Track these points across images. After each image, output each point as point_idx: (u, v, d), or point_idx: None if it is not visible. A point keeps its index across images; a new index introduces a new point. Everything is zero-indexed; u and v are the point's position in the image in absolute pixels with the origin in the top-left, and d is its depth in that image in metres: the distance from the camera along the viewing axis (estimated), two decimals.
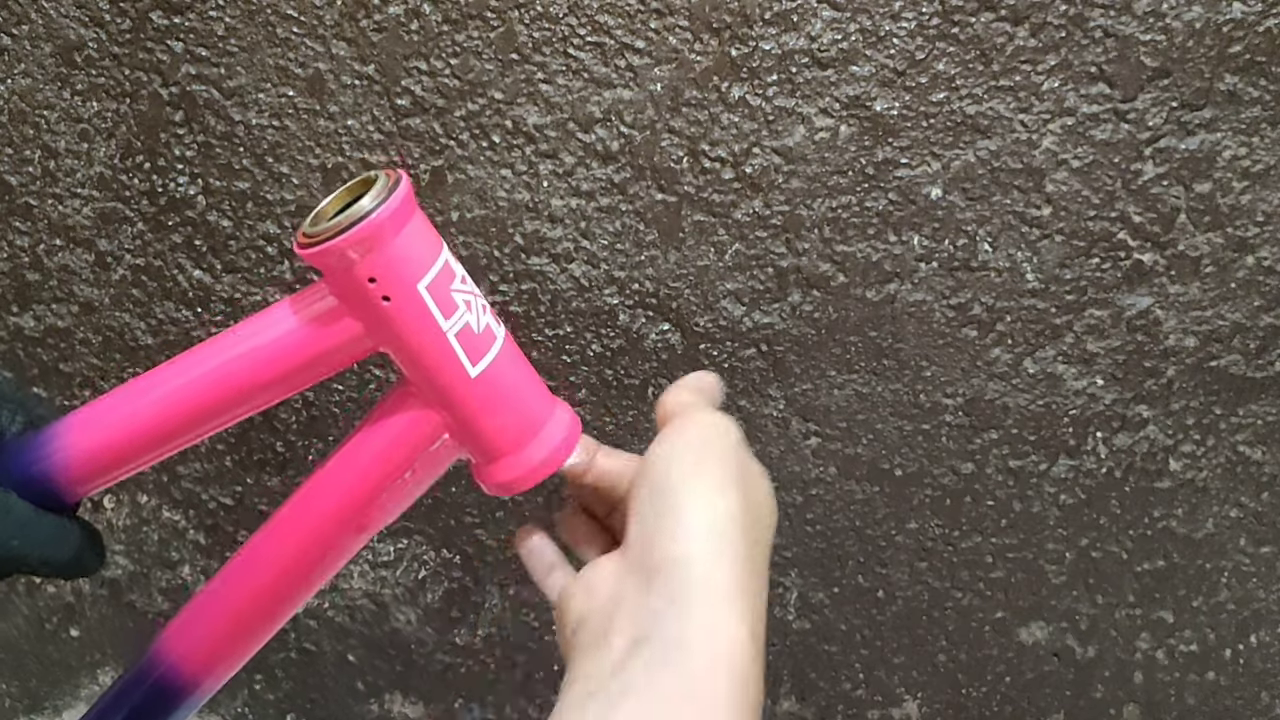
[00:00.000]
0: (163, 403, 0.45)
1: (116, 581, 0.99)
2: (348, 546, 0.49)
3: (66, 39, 0.84)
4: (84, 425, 0.45)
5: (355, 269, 0.41)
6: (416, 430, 0.46)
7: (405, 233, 0.42)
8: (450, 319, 0.43)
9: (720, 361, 0.87)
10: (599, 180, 0.83)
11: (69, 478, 0.44)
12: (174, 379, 0.45)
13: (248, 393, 0.45)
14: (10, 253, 0.90)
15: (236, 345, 0.45)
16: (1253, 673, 0.94)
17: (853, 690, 0.97)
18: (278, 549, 0.48)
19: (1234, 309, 0.84)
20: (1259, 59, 0.78)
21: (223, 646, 0.49)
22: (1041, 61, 0.78)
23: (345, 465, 0.47)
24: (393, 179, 0.43)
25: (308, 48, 0.82)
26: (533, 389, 0.48)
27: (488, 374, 0.45)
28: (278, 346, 0.44)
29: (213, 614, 0.49)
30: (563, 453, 0.47)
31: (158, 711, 0.49)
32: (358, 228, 0.41)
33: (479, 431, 0.46)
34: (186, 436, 0.46)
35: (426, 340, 0.43)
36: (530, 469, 0.47)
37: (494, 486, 0.47)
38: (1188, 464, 0.88)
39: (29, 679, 1.03)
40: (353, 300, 0.43)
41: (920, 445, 0.89)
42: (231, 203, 0.86)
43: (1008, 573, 0.92)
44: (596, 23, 0.79)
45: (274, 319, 0.45)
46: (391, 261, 0.42)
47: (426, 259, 0.43)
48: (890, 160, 0.81)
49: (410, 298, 0.43)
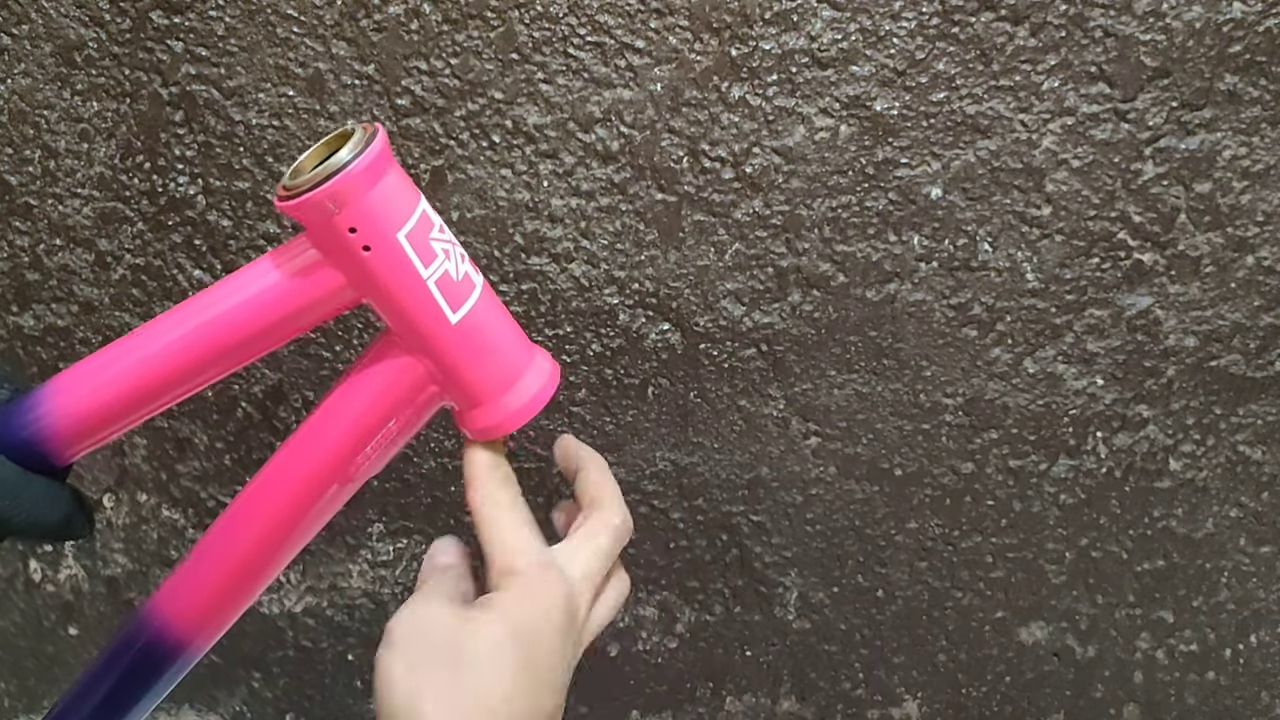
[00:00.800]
0: (149, 361, 0.45)
1: (115, 579, 0.99)
2: (336, 498, 0.49)
3: (66, 39, 0.84)
4: (70, 387, 0.45)
5: (335, 220, 0.42)
6: (400, 379, 0.47)
7: (383, 183, 0.43)
8: (430, 267, 0.44)
9: (720, 361, 0.87)
10: (599, 180, 0.83)
11: (57, 440, 0.44)
12: (159, 337, 0.45)
13: (233, 347, 0.45)
14: (10, 253, 0.90)
15: (221, 301, 0.45)
16: (1253, 673, 0.94)
17: (853, 690, 0.97)
18: (266, 503, 0.48)
19: (1234, 309, 0.84)
20: (1259, 59, 0.78)
21: (213, 604, 0.49)
22: (1041, 61, 0.78)
23: (331, 417, 0.48)
24: (369, 132, 0.43)
25: (308, 48, 0.82)
26: (512, 336, 0.48)
27: (468, 321, 0.46)
28: (261, 300, 0.45)
29: (202, 572, 0.49)
30: (542, 398, 0.48)
31: (148, 674, 0.49)
32: (336, 179, 0.41)
33: (461, 378, 0.47)
34: (174, 393, 0.46)
35: (407, 288, 0.44)
36: (511, 414, 0.47)
37: (476, 432, 0.48)
38: (1188, 464, 0.88)
39: (27, 677, 1.03)
40: (334, 251, 0.44)
41: (920, 445, 0.89)
42: (231, 203, 0.86)
43: (1008, 573, 0.92)
44: (596, 23, 0.79)
45: (257, 273, 0.45)
46: (371, 211, 0.42)
47: (405, 209, 0.44)
48: (890, 160, 0.81)
49: (390, 247, 0.43)
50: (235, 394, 0.92)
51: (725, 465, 0.90)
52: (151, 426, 0.93)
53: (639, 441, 0.90)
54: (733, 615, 0.95)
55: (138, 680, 0.49)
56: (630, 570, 0.51)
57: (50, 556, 0.99)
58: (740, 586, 0.94)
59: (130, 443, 0.94)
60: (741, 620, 0.95)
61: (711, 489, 0.91)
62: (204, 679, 1.02)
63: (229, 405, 0.92)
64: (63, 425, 0.44)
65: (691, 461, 0.91)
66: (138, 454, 0.95)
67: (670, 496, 0.92)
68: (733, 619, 0.95)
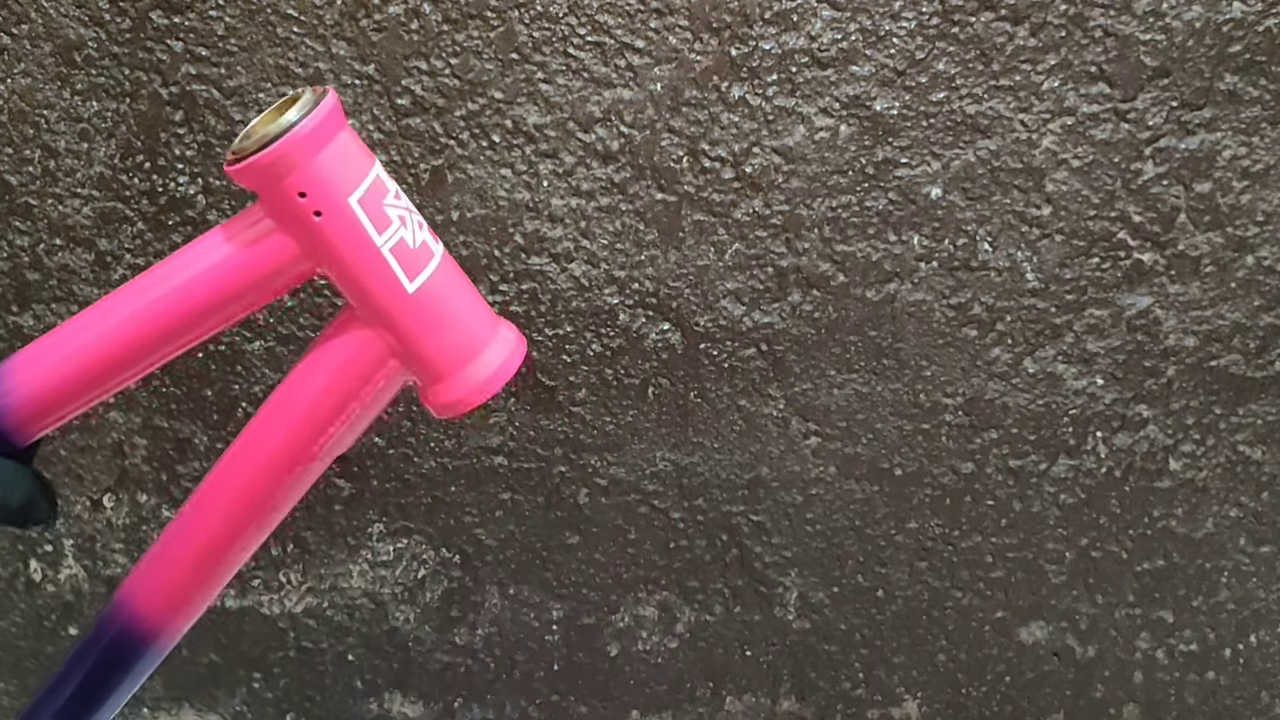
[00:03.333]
0: (106, 337, 0.44)
1: (115, 580, 0.99)
2: (302, 477, 0.48)
3: (66, 39, 0.84)
4: (27, 366, 0.44)
5: (284, 183, 0.41)
6: (360, 354, 0.46)
7: (333, 146, 0.42)
8: (384, 234, 0.43)
9: (720, 361, 0.87)
10: (599, 180, 0.83)
11: (17, 419, 0.44)
12: (115, 312, 0.45)
13: (190, 321, 0.44)
14: (10, 253, 0.90)
15: (176, 274, 0.45)
16: (1253, 673, 0.94)
17: (853, 690, 0.97)
18: (230, 486, 0.48)
19: (1234, 309, 0.84)
20: (1259, 59, 0.78)
21: (181, 591, 0.48)
22: (1041, 61, 0.78)
23: (292, 394, 0.47)
24: (319, 93, 0.43)
25: (308, 48, 0.82)
26: (474, 307, 0.47)
27: (426, 289, 0.44)
28: (217, 272, 0.44)
29: (170, 558, 0.48)
30: (506, 371, 0.47)
31: (120, 664, 0.49)
32: (283, 139, 0.41)
33: (420, 350, 0.45)
34: (134, 369, 0.45)
35: (361, 255, 0.43)
36: (473, 387, 0.46)
37: (439, 408, 0.47)
38: (1188, 464, 0.88)
39: (27, 677, 1.03)
40: (286, 218, 0.43)
41: (920, 445, 0.89)
42: (231, 203, 0.86)
43: (1008, 573, 0.92)
44: (596, 23, 0.79)
45: (210, 245, 0.45)
46: (320, 175, 0.42)
47: (357, 173, 0.43)
48: (890, 160, 0.81)
49: (342, 212, 0.42)
50: (235, 394, 0.92)
51: (725, 465, 0.90)
52: (151, 427, 0.93)
53: (639, 441, 0.90)
54: (733, 615, 0.95)
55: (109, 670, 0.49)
56: (631, 570, 0.51)
57: (51, 557, 0.99)
58: (740, 586, 0.94)
59: (130, 443, 0.94)
60: (741, 620, 0.95)
61: (711, 489, 0.91)
62: (205, 679, 1.01)
63: (229, 405, 0.92)
64: (22, 404, 0.44)
65: (691, 461, 0.91)
66: (138, 454, 0.95)
67: (670, 496, 0.92)
68: (733, 619, 0.95)
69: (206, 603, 0.50)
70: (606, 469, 0.91)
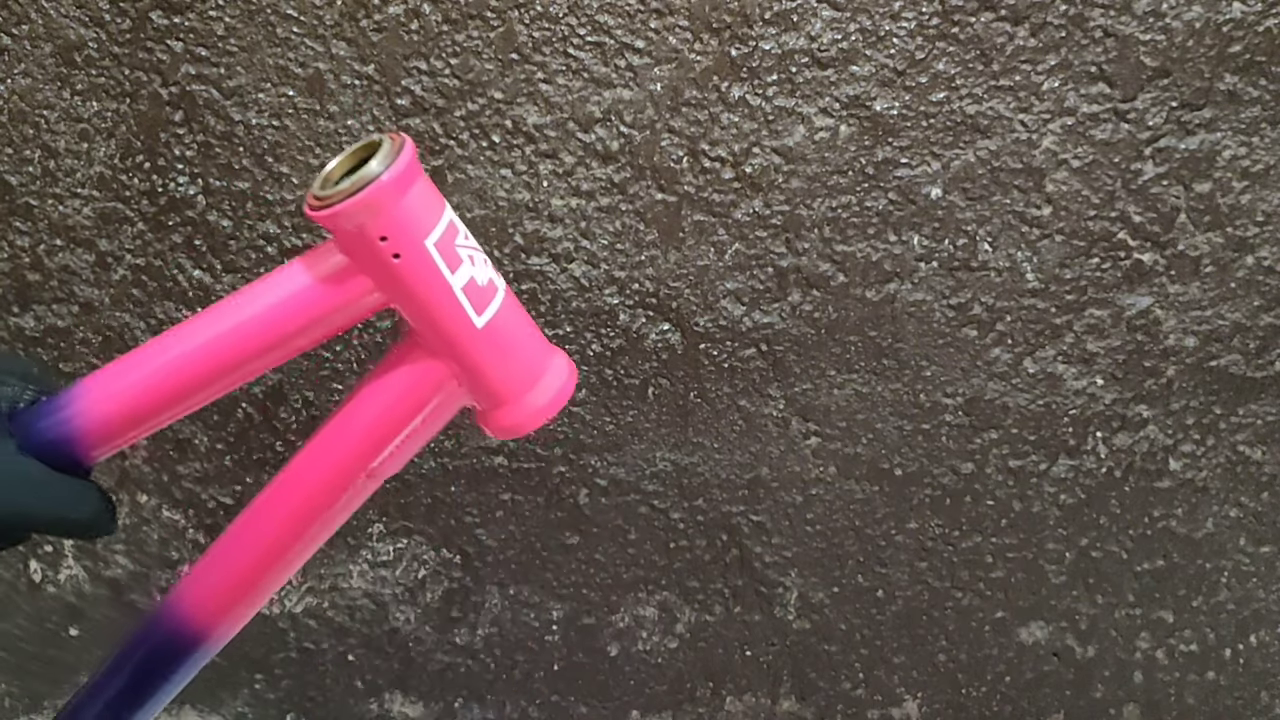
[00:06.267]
0: (179, 362, 0.46)
1: (117, 580, 0.99)
2: (358, 494, 0.50)
3: (66, 39, 0.84)
4: (100, 388, 0.46)
5: (367, 229, 0.44)
6: (425, 380, 0.49)
7: (412, 193, 0.44)
8: (456, 273, 0.46)
9: (720, 361, 0.87)
10: (599, 180, 0.83)
11: (86, 440, 0.45)
12: (190, 339, 0.46)
13: (261, 350, 0.46)
14: (10, 253, 0.90)
15: (252, 303, 0.46)
16: (1253, 673, 0.94)
17: (853, 690, 0.97)
18: (289, 498, 0.50)
19: (1234, 309, 0.84)
20: (1259, 59, 0.78)
21: (234, 597, 0.50)
22: (1041, 61, 0.78)
23: (356, 414, 0.49)
24: (397, 143, 0.45)
25: (308, 48, 0.82)
26: (533, 338, 0.50)
27: (492, 324, 0.47)
28: (291, 304, 0.46)
29: (225, 565, 0.50)
30: (562, 397, 0.50)
31: (166, 664, 0.50)
32: (369, 189, 0.43)
33: (485, 379, 0.48)
34: (201, 395, 0.47)
35: (435, 294, 0.46)
36: (533, 413, 0.49)
37: (499, 431, 0.50)
38: (1188, 464, 0.88)
39: (29, 678, 1.04)
40: (364, 258, 0.45)
41: (920, 445, 0.89)
42: (231, 203, 0.86)
43: (1008, 573, 0.92)
44: (596, 23, 0.79)
45: (287, 277, 0.46)
46: (401, 221, 0.44)
47: (433, 217, 0.45)
48: (890, 160, 0.81)
49: (419, 254, 0.45)
50: (235, 395, 0.92)
51: (725, 465, 0.90)
52: None
53: (639, 441, 0.90)
54: (733, 615, 0.95)
55: (156, 671, 0.50)
56: (631, 570, 0.51)
57: (51, 558, 0.99)
58: (740, 586, 0.94)
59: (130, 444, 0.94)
60: (741, 620, 0.95)
61: (711, 489, 0.91)
62: (206, 679, 1.01)
63: (229, 406, 0.92)
64: (91, 426, 0.45)
65: (691, 461, 0.91)
66: (138, 455, 0.95)
67: (670, 496, 0.92)
68: (733, 619, 0.95)
69: (255, 610, 0.52)
70: (606, 469, 0.91)
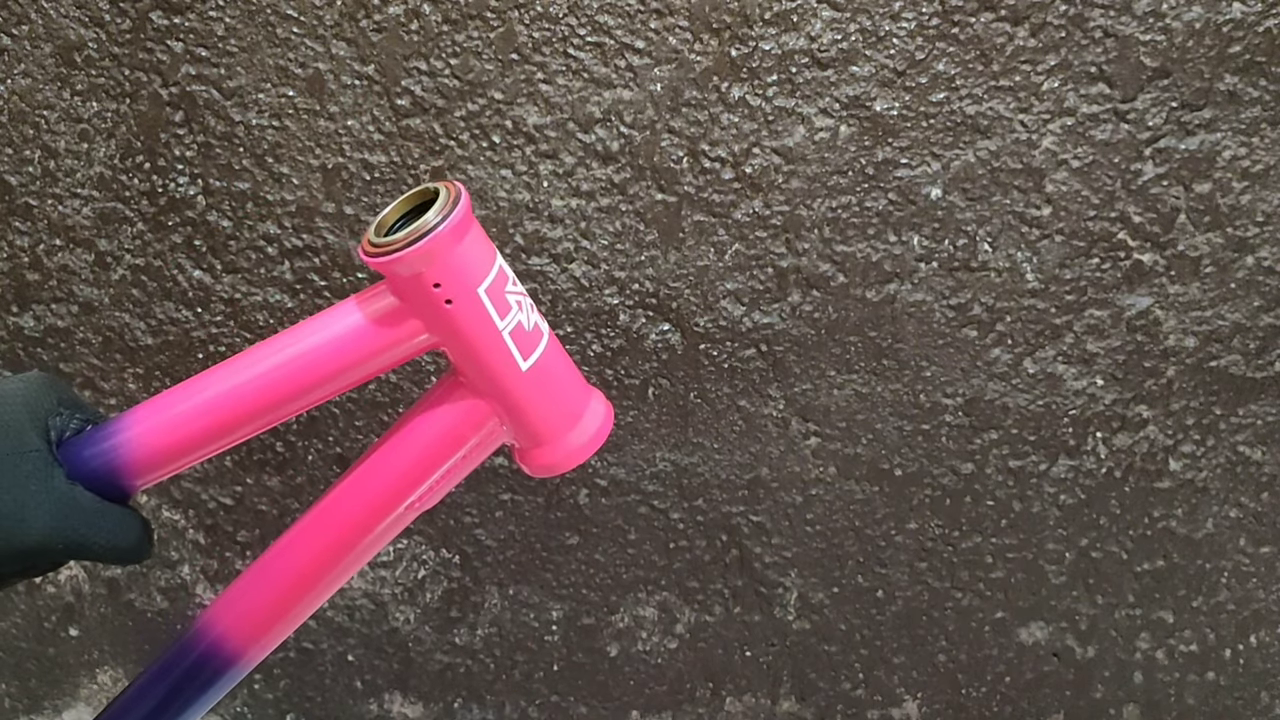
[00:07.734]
0: (227, 397, 0.47)
1: (115, 581, 0.99)
2: (396, 525, 0.52)
3: (66, 39, 0.84)
4: (148, 419, 0.46)
5: (423, 276, 0.45)
6: (469, 418, 0.50)
7: (466, 241, 0.46)
8: (505, 318, 0.48)
9: (720, 361, 0.87)
10: (599, 180, 0.83)
11: (131, 470, 0.46)
12: (239, 374, 0.47)
13: (310, 386, 0.47)
14: (10, 253, 0.90)
15: (303, 340, 0.48)
16: (1253, 673, 0.94)
17: (852, 690, 0.97)
18: (330, 526, 0.51)
19: (1234, 309, 0.84)
20: (1259, 59, 0.78)
21: (269, 619, 0.51)
22: (1041, 61, 0.78)
23: (400, 448, 0.50)
24: (453, 193, 0.46)
25: (308, 48, 0.82)
26: (573, 380, 0.52)
27: (537, 368, 0.49)
28: (342, 343, 0.47)
29: (261, 588, 0.51)
30: (600, 437, 0.52)
31: (201, 683, 0.51)
32: (427, 241, 0.44)
33: (527, 420, 0.50)
34: (247, 429, 0.48)
35: (484, 338, 0.47)
36: (571, 452, 0.51)
37: (539, 469, 0.52)
38: (1188, 464, 0.88)
39: (28, 679, 1.03)
40: (416, 302, 0.46)
41: (920, 445, 0.89)
42: (231, 203, 0.86)
43: (1008, 573, 0.92)
44: (596, 23, 0.79)
45: (339, 317, 0.48)
46: (455, 269, 0.46)
47: (485, 265, 0.47)
48: (890, 160, 0.81)
49: (471, 300, 0.46)
50: None
51: (725, 465, 0.90)
52: None
53: (639, 441, 0.90)
54: (733, 615, 0.95)
55: (191, 689, 0.51)
56: (630, 570, 0.52)
57: None
58: (740, 586, 0.94)
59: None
60: (741, 620, 0.95)
61: (711, 489, 0.91)
62: None
63: None
64: (137, 455, 0.46)
65: (691, 461, 0.91)
66: None
67: (670, 496, 0.92)
68: (733, 619, 0.95)
69: (289, 633, 0.53)
70: (606, 469, 0.91)
